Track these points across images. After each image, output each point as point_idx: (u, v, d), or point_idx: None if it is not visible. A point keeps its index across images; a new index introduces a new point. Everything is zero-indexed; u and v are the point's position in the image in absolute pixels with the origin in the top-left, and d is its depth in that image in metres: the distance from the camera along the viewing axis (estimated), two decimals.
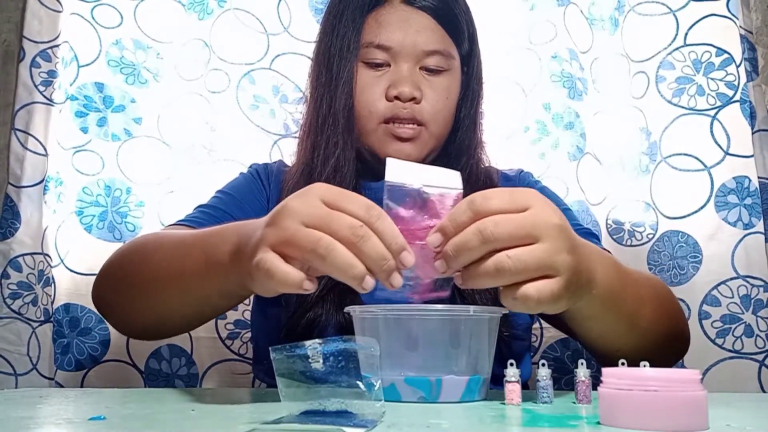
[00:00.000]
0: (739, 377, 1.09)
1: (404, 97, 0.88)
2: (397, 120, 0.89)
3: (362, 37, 0.91)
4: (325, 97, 0.91)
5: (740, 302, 1.10)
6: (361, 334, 0.66)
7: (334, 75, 0.91)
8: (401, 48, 0.90)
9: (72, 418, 0.55)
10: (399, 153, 0.89)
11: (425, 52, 0.90)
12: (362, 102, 0.90)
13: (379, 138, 0.90)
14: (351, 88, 0.90)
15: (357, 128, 0.91)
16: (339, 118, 0.90)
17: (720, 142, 1.14)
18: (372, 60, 0.91)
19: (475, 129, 0.96)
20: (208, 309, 0.78)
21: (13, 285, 1.20)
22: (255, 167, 1.02)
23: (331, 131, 0.90)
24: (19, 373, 1.19)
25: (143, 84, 1.26)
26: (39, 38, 1.23)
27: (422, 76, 0.91)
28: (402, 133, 0.89)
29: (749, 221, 1.11)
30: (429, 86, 0.91)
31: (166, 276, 0.73)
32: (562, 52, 1.26)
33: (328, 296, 0.83)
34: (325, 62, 0.93)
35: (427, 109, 0.90)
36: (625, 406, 0.47)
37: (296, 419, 0.48)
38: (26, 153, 1.21)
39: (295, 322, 0.83)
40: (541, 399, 0.60)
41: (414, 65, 0.91)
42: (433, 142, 0.92)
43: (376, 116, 0.90)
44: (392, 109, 0.89)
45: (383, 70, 0.91)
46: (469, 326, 0.63)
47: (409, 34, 0.90)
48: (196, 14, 1.28)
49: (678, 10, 1.18)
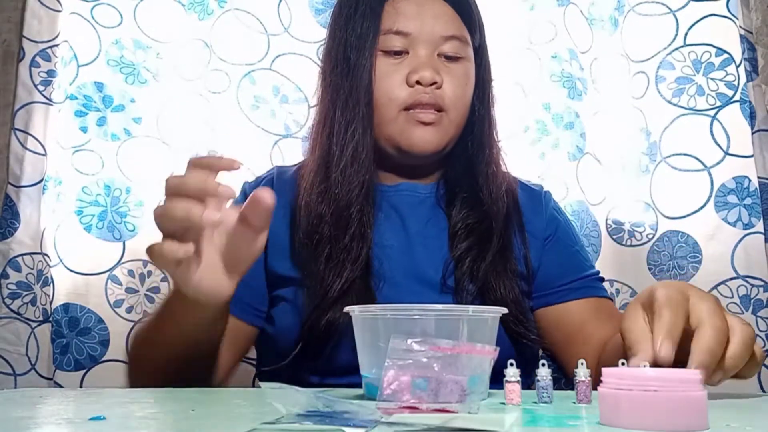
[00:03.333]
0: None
1: (425, 81, 0.88)
2: (418, 105, 0.89)
3: (381, 25, 0.90)
4: (343, 87, 0.90)
5: (740, 302, 1.10)
6: (360, 335, 0.66)
7: (352, 65, 0.90)
8: (419, 34, 0.90)
9: (72, 418, 0.55)
10: (421, 138, 0.89)
11: (443, 37, 0.90)
12: (382, 90, 0.90)
13: (401, 126, 0.90)
14: (370, 76, 0.89)
15: (376, 118, 0.90)
16: (360, 105, 0.89)
17: (720, 142, 1.14)
18: (390, 48, 0.90)
19: (490, 120, 0.96)
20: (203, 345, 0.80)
21: (12, 285, 1.20)
22: (244, 187, 1.01)
23: (351, 117, 0.89)
24: (18, 373, 1.19)
25: (143, 84, 1.26)
26: (38, 38, 1.23)
27: (441, 62, 0.91)
28: (424, 118, 0.88)
29: (749, 221, 1.11)
30: (448, 72, 0.90)
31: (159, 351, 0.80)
32: (562, 52, 1.26)
33: (345, 298, 0.83)
34: (342, 53, 0.92)
35: (448, 94, 0.89)
36: (625, 406, 0.47)
37: (296, 419, 0.48)
38: (26, 153, 1.21)
39: (313, 324, 0.83)
40: (541, 399, 0.60)
41: (432, 51, 0.90)
42: (453, 130, 0.91)
43: (396, 103, 0.89)
44: (413, 94, 0.89)
45: (402, 57, 0.90)
46: (468, 326, 0.63)
47: (426, 19, 0.90)
48: (196, 14, 1.28)
49: (678, 10, 1.18)
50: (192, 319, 0.74)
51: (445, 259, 0.89)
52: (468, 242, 0.89)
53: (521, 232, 0.94)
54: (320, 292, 0.84)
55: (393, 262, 0.89)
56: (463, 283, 0.87)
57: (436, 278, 0.88)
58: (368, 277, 0.86)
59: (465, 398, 0.56)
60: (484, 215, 0.91)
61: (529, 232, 0.94)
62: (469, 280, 0.86)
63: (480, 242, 0.89)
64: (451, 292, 0.87)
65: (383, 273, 0.87)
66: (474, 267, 0.87)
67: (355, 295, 0.83)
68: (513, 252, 0.91)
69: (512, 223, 0.93)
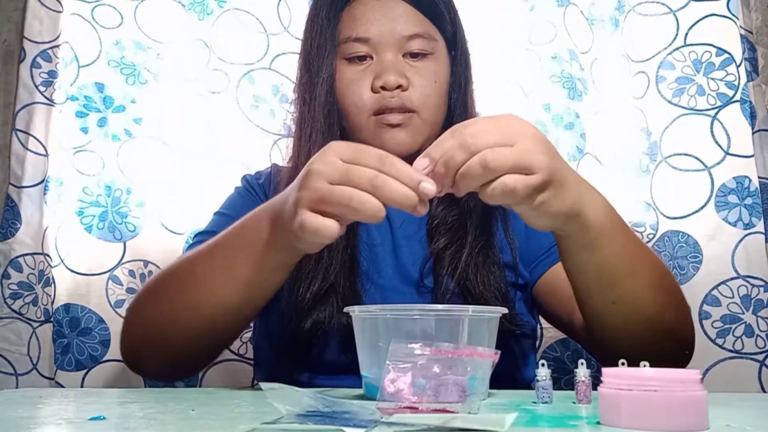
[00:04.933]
0: (740, 377, 1.09)
1: (390, 86, 0.87)
2: (386, 110, 0.88)
3: (340, 33, 0.90)
4: (305, 98, 0.91)
5: (740, 302, 1.10)
6: (360, 334, 0.66)
7: (313, 74, 0.91)
8: (380, 37, 0.89)
9: (72, 418, 0.55)
10: (393, 141, 0.88)
11: (405, 37, 0.89)
12: (349, 98, 0.90)
13: (372, 131, 0.90)
14: (331, 86, 0.90)
15: (349, 126, 0.91)
16: (318, 116, 0.89)
17: (720, 142, 1.13)
18: (353, 54, 0.90)
19: (467, 113, 0.95)
20: (259, 292, 0.76)
21: (14, 285, 1.20)
22: (246, 178, 1.01)
23: (311, 130, 0.90)
24: (19, 373, 1.19)
25: (143, 84, 1.27)
26: (39, 38, 1.23)
27: (407, 63, 0.90)
28: (392, 120, 0.88)
29: (749, 221, 1.11)
30: (415, 72, 0.90)
31: (213, 279, 0.75)
32: (562, 52, 1.26)
33: (329, 299, 0.83)
34: (306, 63, 0.93)
35: (415, 95, 0.89)
36: (625, 406, 0.47)
37: (296, 419, 0.48)
38: (27, 153, 1.21)
39: (296, 326, 0.82)
40: (541, 399, 0.60)
41: (396, 53, 0.90)
42: (427, 129, 0.91)
43: (365, 110, 0.89)
44: (379, 100, 0.88)
45: (366, 63, 0.90)
46: (468, 326, 0.63)
47: (386, 22, 0.89)
48: (196, 14, 1.28)
49: (678, 10, 1.18)
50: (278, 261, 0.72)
51: (423, 256, 0.89)
52: (446, 238, 0.88)
53: (504, 221, 0.93)
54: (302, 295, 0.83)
55: (380, 262, 0.88)
56: (443, 280, 0.86)
57: (416, 276, 0.88)
58: (354, 277, 0.86)
59: (465, 398, 0.56)
60: (460, 210, 0.90)
61: (512, 213, 0.94)
62: (449, 277, 0.86)
63: (458, 237, 0.88)
64: (429, 291, 0.86)
65: (371, 274, 0.87)
66: (452, 262, 0.86)
67: (339, 298, 0.82)
68: (495, 245, 0.90)
69: (494, 215, 0.92)
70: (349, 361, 0.69)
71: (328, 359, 0.83)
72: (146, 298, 0.83)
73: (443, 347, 0.56)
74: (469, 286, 0.85)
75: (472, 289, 0.85)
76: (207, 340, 0.79)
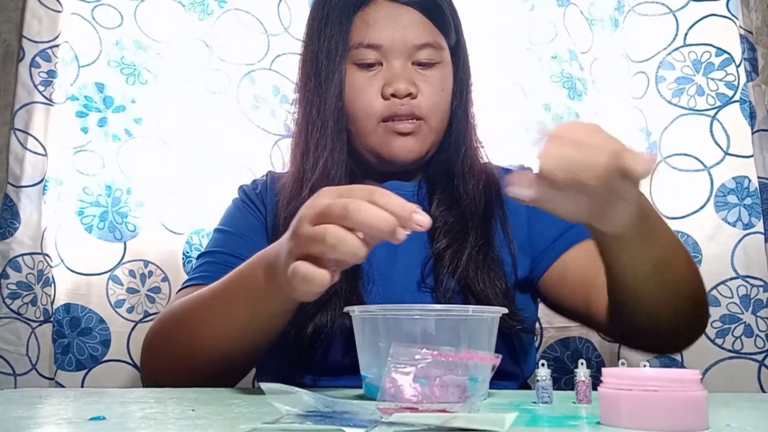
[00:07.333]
0: (739, 377, 1.09)
1: (400, 93, 0.88)
2: (395, 117, 0.89)
3: (351, 39, 0.90)
4: (314, 102, 0.91)
5: (740, 302, 1.10)
6: (360, 335, 0.66)
7: (323, 79, 0.90)
8: (391, 45, 0.89)
9: (72, 418, 0.55)
10: (402, 148, 0.89)
11: (416, 46, 0.90)
12: (358, 104, 0.90)
13: (380, 137, 0.90)
14: (341, 91, 0.89)
15: (356, 131, 0.91)
16: (328, 121, 0.89)
17: (720, 142, 1.14)
18: (363, 60, 0.90)
19: (467, 119, 0.96)
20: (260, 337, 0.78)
21: (13, 285, 1.20)
22: (243, 189, 1.01)
23: (320, 134, 0.89)
24: (18, 374, 1.19)
25: (143, 84, 1.27)
26: (39, 38, 1.23)
27: (415, 71, 0.90)
28: (402, 128, 0.89)
29: (749, 221, 1.11)
30: (423, 80, 0.90)
31: (214, 325, 0.76)
32: (562, 52, 1.26)
33: (331, 302, 0.83)
34: (313, 68, 0.92)
35: (424, 103, 0.89)
36: (625, 406, 0.47)
37: (296, 419, 0.48)
38: (26, 153, 1.21)
39: (300, 331, 0.82)
40: (541, 399, 0.60)
41: (406, 61, 0.90)
42: (433, 136, 0.92)
43: (374, 116, 0.89)
44: (389, 107, 0.89)
45: (375, 69, 0.90)
46: (468, 326, 0.63)
47: (397, 30, 0.90)
48: (196, 14, 1.28)
49: (678, 10, 1.18)
50: (275, 309, 0.72)
51: (424, 257, 0.89)
52: (447, 239, 0.89)
53: (504, 223, 0.93)
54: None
55: (382, 265, 0.89)
56: (443, 279, 0.86)
57: (418, 277, 0.88)
58: (355, 281, 0.86)
59: (465, 398, 0.56)
60: (461, 212, 0.91)
61: (512, 213, 0.94)
62: (450, 276, 0.86)
63: (458, 239, 0.89)
64: (430, 290, 0.87)
65: (373, 277, 0.88)
66: (453, 261, 0.87)
67: (341, 301, 0.82)
68: (495, 245, 0.90)
69: (494, 216, 0.92)
70: (353, 362, 0.69)
71: (331, 361, 0.83)
72: (158, 340, 0.85)
73: (444, 351, 0.56)
74: (470, 284, 0.85)
75: (473, 286, 0.85)
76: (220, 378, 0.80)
